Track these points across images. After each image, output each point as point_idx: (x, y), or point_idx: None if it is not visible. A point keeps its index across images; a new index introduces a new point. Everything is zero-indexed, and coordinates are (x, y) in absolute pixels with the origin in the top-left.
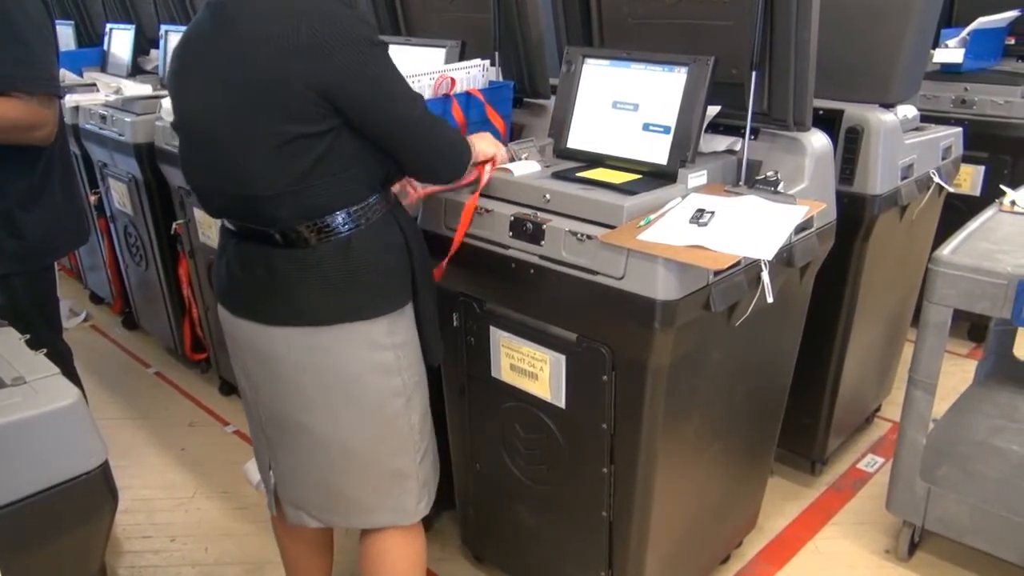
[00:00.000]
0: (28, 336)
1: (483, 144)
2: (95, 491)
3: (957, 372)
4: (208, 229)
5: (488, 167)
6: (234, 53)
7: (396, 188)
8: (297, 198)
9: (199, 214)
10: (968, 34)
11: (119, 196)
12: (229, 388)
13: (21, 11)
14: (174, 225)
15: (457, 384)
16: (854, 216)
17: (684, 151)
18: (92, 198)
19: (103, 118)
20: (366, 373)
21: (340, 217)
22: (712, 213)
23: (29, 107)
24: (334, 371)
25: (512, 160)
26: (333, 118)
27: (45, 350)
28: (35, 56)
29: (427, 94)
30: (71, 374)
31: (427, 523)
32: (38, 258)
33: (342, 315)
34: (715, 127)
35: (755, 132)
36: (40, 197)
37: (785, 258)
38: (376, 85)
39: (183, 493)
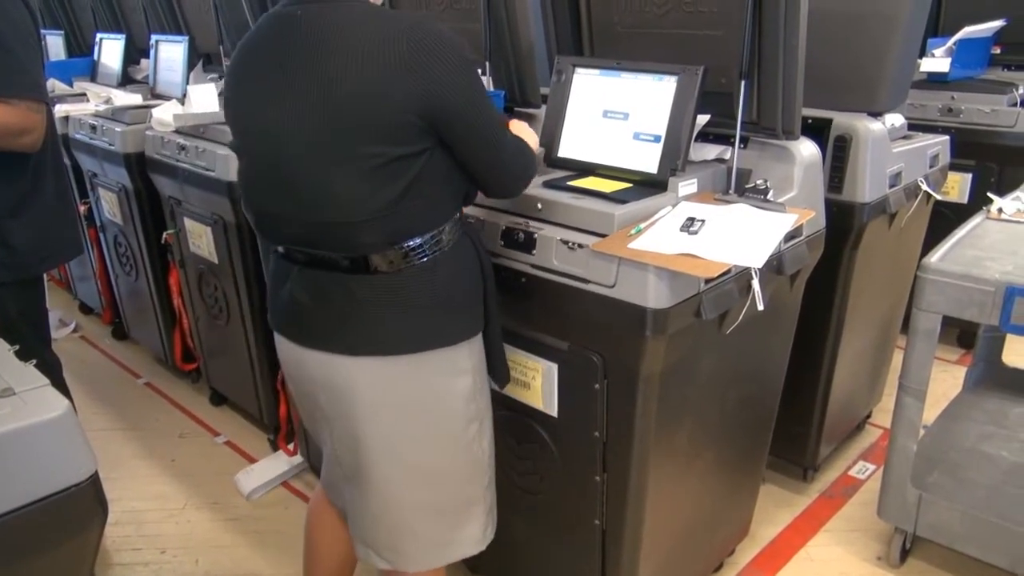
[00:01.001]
0: (17, 347)
1: (531, 139)
2: (84, 503)
3: (947, 379)
4: (199, 239)
5: None
6: (324, 71)
7: None
8: (388, 222)
9: (190, 224)
10: (954, 43)
11: (109, 206)
12: (220, 398)
13: (5, 19)
14: (164, 235)
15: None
16: (843, 224)
17: (674, 160)
18: (82, 208)
19: (93, 128)
20: (447, 399)
21: (424, 239)
22: (702, 221)
23: (15, 112)
24: (416, 400)
25: None
26: (428, 138)
27: (35, 361)
28: (19, 63)
29: None
30: (60, 385)
31: None
32: (27, 268)
33: (429, 341)
34: (705, 136)
35: (744, 141)
36: (30, 206)
37: (775, 266)
38: (472, 103)
39: (173, 504)
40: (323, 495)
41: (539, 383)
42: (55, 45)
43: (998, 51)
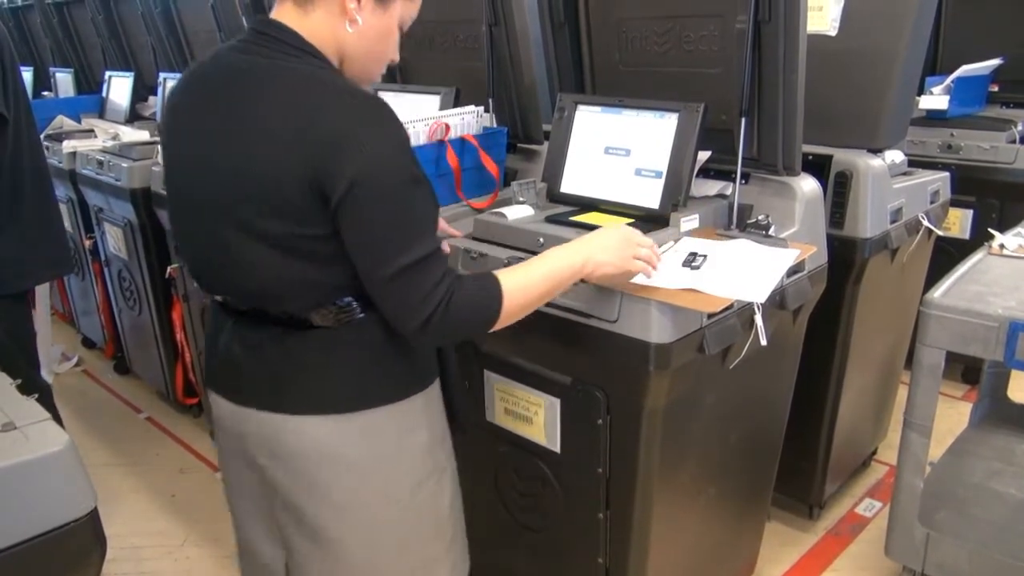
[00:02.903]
0: (20, 381)
1: (605, 255)
2: (83, 539)
3: (952, 415)
4: None
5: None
6: (248, 140)
7: None
8: (311, 291)
9: None
10: (952, 81)
11: (114, 240)
12: None
13: None
14: (168, 269)
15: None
16: (845, 259)
17: (676, 195)
18: (87, 242)
19: (100, 163)
20: (401, 456)
21: (361, 296)
22: (704, 256)
23: None
24: (367, 458)
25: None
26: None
27: (36, 395)
28: None
29: (422, 140)
30: (50, 410)
31: None
32: (7, 283)
33: (374, 397)
34: (706, 172)
35: (746, 177)
36: (7, 223)
37: (778, 301)
38: (378, 199)
39: (173, 541)
40: None
41: (541, 418)
42: (64, 82)
43: (996, 89)
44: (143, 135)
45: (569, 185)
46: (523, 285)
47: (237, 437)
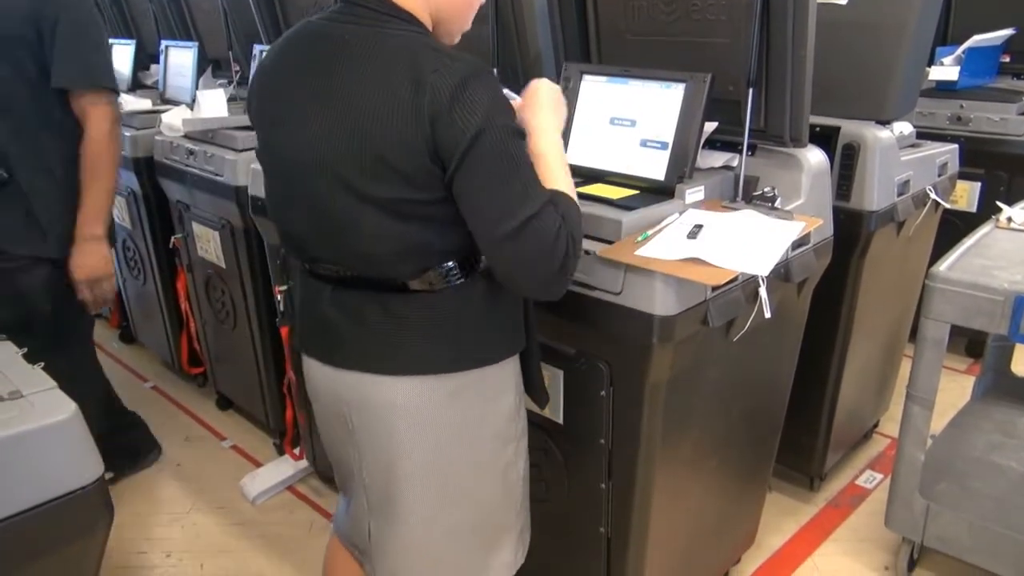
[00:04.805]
0: (25, 349)
1: (555, 118)
2: (90, 506)
3: (955, 388)
4: (206, 244)
5: None
6: (360, 108)
7: None
8: (421, 255)
9: (198, 228)
10: (963, 52)
11: (118, 210)
12: (226, 402)
13: (90, 14)
14: (172, 239)
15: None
16: (851, 232)
17: (682, 167)
18: None
19: None
20: (490, 419)
21: (464, 260)
22: (710, 228)
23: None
24: (458, 420)
25: None
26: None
27: (43, 364)
28: (107, 57)
29: None
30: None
31: None
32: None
33: (471, 359)
34: (712, 143)
35: (752, 148)
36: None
37: (782, 274)
38: (488, 166)
39: (179, 508)
40: (340, 548)
41: None
42: None
43: (1007, 60)
44: (145, 104)
45: (574, 156)
46: (570, 185)
47: (333, 398)
